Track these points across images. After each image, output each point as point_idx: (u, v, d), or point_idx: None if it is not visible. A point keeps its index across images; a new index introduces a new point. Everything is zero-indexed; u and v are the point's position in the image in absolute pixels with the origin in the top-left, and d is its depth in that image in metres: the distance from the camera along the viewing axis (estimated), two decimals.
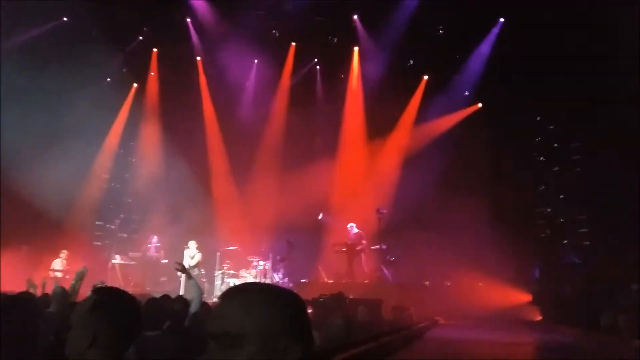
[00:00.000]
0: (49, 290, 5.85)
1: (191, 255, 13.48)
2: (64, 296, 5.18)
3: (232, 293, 1.25)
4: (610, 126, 12.47)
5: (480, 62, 15.50)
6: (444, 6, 14.39)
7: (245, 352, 1.16)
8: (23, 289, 6.13)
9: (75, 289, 5.68)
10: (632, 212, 11.59)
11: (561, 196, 14.56)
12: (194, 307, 5.17)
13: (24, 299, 3.20)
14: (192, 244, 13.59)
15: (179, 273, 12.58)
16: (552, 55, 13.70)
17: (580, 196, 13.85)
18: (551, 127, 15.05)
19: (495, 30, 15.37)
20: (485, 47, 15.46)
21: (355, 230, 14.21)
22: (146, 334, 3.94)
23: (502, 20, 15.22)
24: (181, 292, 11.63)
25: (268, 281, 13.00)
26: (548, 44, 13.79)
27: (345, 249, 13.97)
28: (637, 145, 11.56)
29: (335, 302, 9.29)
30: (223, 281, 13.58)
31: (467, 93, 16.19)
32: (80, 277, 5.77)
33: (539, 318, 12.04)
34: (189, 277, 5.60)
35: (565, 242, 14.12)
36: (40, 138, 13.27)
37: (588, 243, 13.55)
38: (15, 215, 12.52)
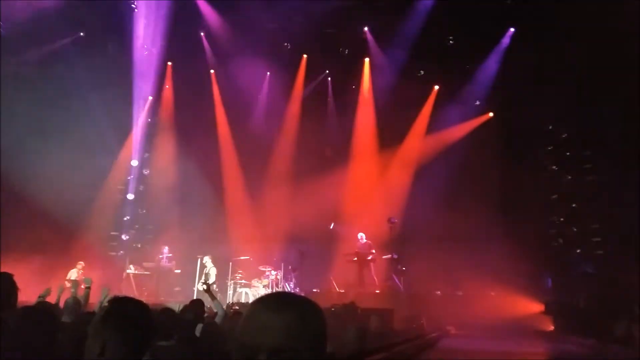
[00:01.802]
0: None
1: (207, 270, 13.61)
2: (77, 306, 5.31)
3: (281, 305, 1.23)
4: (622, 134, 12.43)
5: (491, 72, 15.54)
6: (455, 16, 14.55)
7: None
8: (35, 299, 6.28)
9: (84, 299, 5.85)
10: None
11: (573, 205, 14.47)
12: (218, 322, 5.39)
13: (42, 309, 3.33)
14: (208, 260, 13.70)
15: (200, 287, 12.80)
16: (563, 64, 13.76)
17: (593, 205, 13.76)
18: (564, 135, 15.00)
19: (506, 40, 15.43)
20: (495, 57, 15.52)
21: (365, 240, 14.26)
22: (159, 344, 4.03)
23: (512, 30, 15.29)
24: None
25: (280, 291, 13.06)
26: (559, 52, 13.85)
27: (356, 259, 14.01)
28: None
29: (347, 312, 9.34)
30: (235, 291, 13.69)
31: (478, 103, 16.23)
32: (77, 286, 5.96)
33: (552, 328, 11.94)
34: (213, 297, 5.80)
35: (578, 251, 14.02)
36: (56, 149, 13.53)
37: (601, 252, 13.43)
38: (29, 225, 12.77)
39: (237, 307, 9.83)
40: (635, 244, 11.63)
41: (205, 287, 6.30)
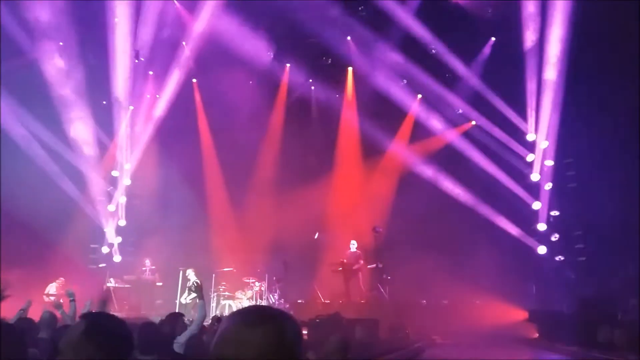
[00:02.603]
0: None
1: (190, 284, 13.36)
2: (53, 321, 5.16)
3: (258, 319, 1.21)
4: (602, 139, 12.61)
5: (473, 81, 15.68)
6: (437, 26, 14.74)
7: None
8: (13, 313, 6.09)
9: (71, 312, 5.67)
10: (628, 228, 11.66)
11: (556, 213, 14.61)
12: (194, 328, 5.16)
13: (10, 325, 3.19)
14: (191, 273, 13.42)
15: (183, 301, 12.61)
16: (543, 72, 14.01)
17: (574, 212, 13.91)
18: (544, 143, 15.16)
19: (487, 50, 15.63)
20: (477, 66, 15.69)
21: (354, 249, 14.17)
22: (140, 359, 3.92)
23: (493, 39, 15.50)
24: None
25: (264, 302, 12.94)
26: (539, 60, 14.11)
27: (341, 269, 13.92)
28: (631, 160, 11.69)
29: (331, 323, 9.26)
30: (218, 303, 13.50)
31: (460, 111, 16.36)
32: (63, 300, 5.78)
33: (536, 335, 11.99)
34: (201, 297, 5.62)
35: (561, 258, 14.13)
36: (34, 160, 13.31)
37: (584, 259, 13.57)
38: (6, 237, 12.46)
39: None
40: (616, 251, 11.78)
41: (195, 285, 6.16)
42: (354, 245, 14.19)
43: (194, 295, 12.70)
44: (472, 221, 14.77)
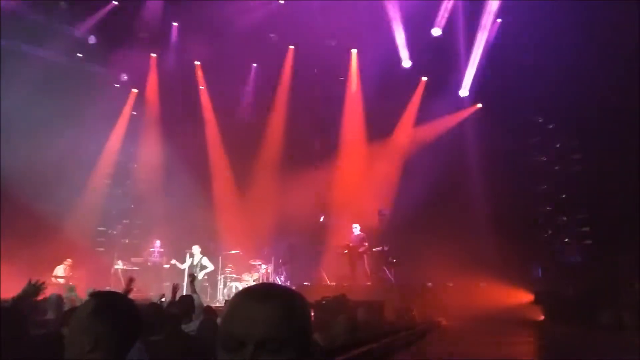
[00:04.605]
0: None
1: (196, 261, 13.44)
2: (60, 302, 5.20)
3: (266, 296, 1.20)
4: (610, 125, 12.50)
5: (479, 63, 15.50)
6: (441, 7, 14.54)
7: (284, 356, 1.14)
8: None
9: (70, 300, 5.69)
10: (633, 210, 11.60)
11: (562, 195, 14.54)
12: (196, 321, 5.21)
13: (10, 307, 3.22)
14: (196, 250, 13.54)
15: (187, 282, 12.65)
16: (551, 55, 13.82)
17: (581, 195, 13.84)
18: (551, 126, 15.05)
19: (494, 31, 15.41)
20: (483, 48, 15.49)
21: (358, 232, 14.17)
22: (149, 339, 3.93)
23: (499, 20, 15.27)
24: None
25: None
26: (546, 43, 13.90)
27: (347, 251, 13.95)
28: (637, 143, 11.58)
29: (337, 304, 9.29)
30: (226, 285, 13.61)
31: (467, 93, 16.19)
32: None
33: (542, 317, 12.02)
34: (194, 291, 5.64)
35: (566, 241, 14.11)
36: (40, 143, 13.31)
37: (589, 242, 13.53)
38: (15, 221, 12.53)
39: None
40: (623, 233, 11.73)
41: (191, 278, 6.16)
42: (356, 229, 14.18)
43: (201, 275, 12.87)
44: (477, 203, 14.72)
